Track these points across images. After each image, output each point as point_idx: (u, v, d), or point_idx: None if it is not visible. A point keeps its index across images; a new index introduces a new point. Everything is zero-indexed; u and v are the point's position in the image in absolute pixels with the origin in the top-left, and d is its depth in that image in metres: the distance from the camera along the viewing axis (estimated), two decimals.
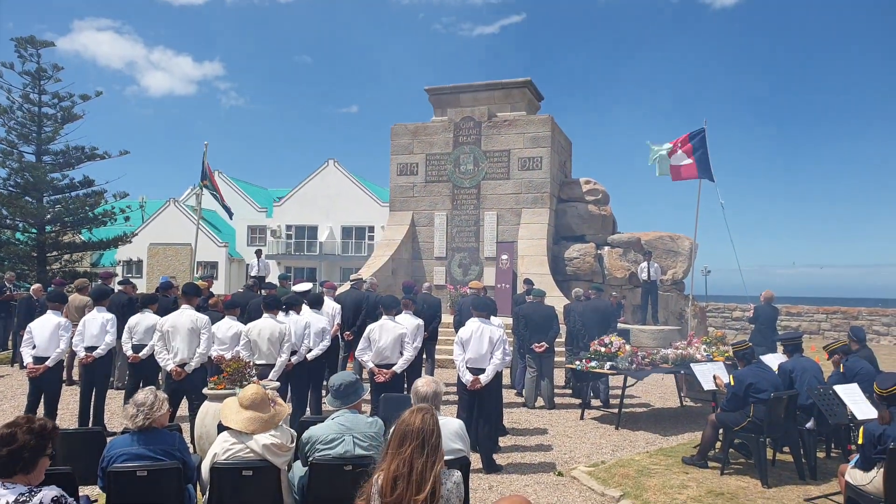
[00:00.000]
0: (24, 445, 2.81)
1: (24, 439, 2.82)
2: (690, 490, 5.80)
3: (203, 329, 6.97)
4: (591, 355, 8.73)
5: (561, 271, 16.98)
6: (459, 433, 4.16)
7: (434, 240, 18.08)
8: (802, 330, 23.77)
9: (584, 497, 5.75)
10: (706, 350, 9.48)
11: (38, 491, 2.75)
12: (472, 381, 6.53)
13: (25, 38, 22.73)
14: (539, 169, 17.29)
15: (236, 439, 3.99)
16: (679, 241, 17.87)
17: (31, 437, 2.84)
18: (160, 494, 3.84)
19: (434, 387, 4.08)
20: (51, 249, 23.06)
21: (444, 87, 18.87)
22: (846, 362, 6.89)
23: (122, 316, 8.44)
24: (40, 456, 2.87)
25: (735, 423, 6.32)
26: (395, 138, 18.69)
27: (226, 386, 5.68)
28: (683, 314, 16.61)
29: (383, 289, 12.86)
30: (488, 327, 6.77)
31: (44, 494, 2.74)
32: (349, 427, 4.07)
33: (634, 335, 13.13)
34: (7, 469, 2.78)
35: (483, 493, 5.75)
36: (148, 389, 4.08)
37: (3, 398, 9.58)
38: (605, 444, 7.58)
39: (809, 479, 6.23)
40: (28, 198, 22.49)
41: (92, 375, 7.61)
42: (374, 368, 6.98)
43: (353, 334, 9.62)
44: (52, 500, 2.74)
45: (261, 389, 4.21)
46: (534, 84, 18.63)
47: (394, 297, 7.62)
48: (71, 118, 23.45)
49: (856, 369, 6.70)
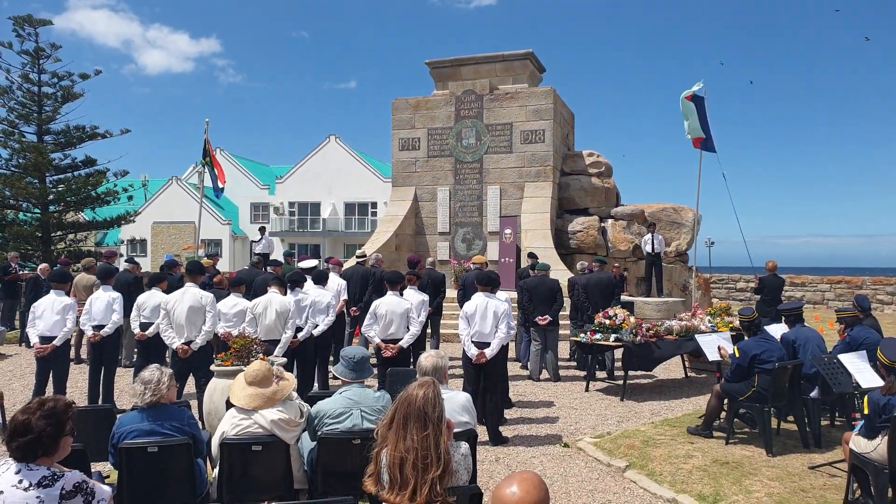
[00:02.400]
0: (42, 432, 2.78)
1: (40, 426, 2.78)
2: (696, 460, 5.85)
3: (208, 307, 6.99)
4: (596, 328, 8.76)
5: (564, 245, 16.95)
6: (466, 406, 4.19)
7: (437, 215, 18.05)
8: (807, 300, 23.79)
9: (591, 468, 5.81)
10: (711, 321, 9.50)
11: (60, 475, 2.75)
12: (478, 354, 6.56)
13: (23, 17, 22.48)
14: (542, 142, 17.18)
15: (244, 415, 4.03)
16: (683, 212, 17.81)
17: (46, 422, 2.81)
18: (171, 470, 3.89)
19: (435, 360, 4.08)
20: (55, 229, 23.05)
21: (445, 60, 18.67)
22: (851, 332, 6.89)
23: (129, 294, 8.49)
24: (60, 437, 2.85)
25: (740, 393, 6.35)
26: (397, 113, 18.56)
27: (233, 363, 5.72)
28: (687, 286, 16.62)
29: (387, 264, 12.87)
30: (493, 301, 6.78)
31: (66, 480, 2.74)
32: (357, 401, 4.10)
33: (639, 307, 13.16)
34: (29, 454, 2.77)
35: (490, 465, 5.81)
36: (154, 366, 4.11)
37: (13, 377, 9.67)
38: (611, 416, 7.63)
39: (814, 447, 6.27)
40: (30, 178, 22.42)
41: (100, 353, 7.67)
42: (381, 344, 7.02)
43: (360, 310, 9.67)
44: (74, 485, 2.74)
45: (265, 365, 4.23)
46: (535, 56, 18.42)
47: (398, 272, 7.63)
48: (71, 97, 23.28)
49: (860, 339, 6.70)
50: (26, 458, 2.76)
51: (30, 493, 2.67)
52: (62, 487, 2.71)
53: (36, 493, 2.67)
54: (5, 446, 2.82)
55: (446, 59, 18.64)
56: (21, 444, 2.75)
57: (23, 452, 2.76)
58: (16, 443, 2.76)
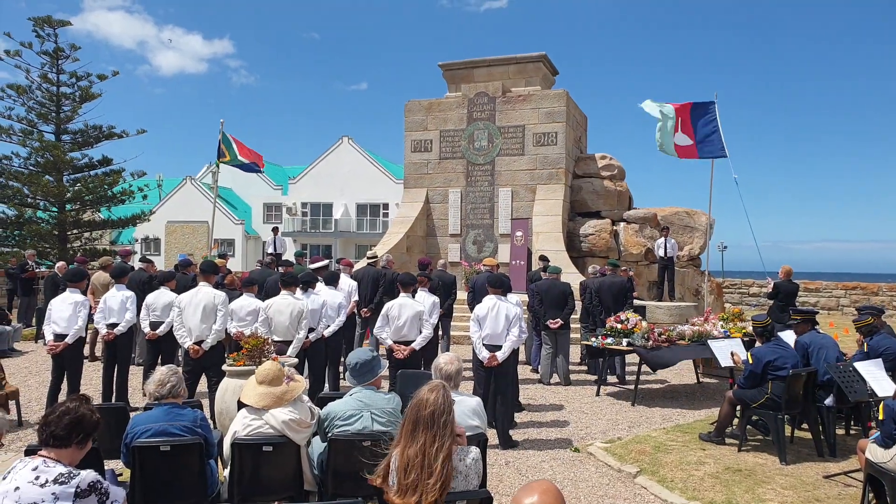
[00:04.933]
0: (85, 416, 2.92)
1: (85, 414, 2.93)
2: (708, 467, 5.81)
3: (220, 306, 7.02)
4: (608, 332, 8.72)
5: (576, 248, 16.90)
6: (477, 410, 4.19)
7: (448, 217, 18.05)
8: (821, 306, 23.57)
9: (601, 473, 5.78)
10: (723, 326, 9.44)
11: (76, 473, 2.78)
12: (489, 358, 6.55)
13: (43, 18, 22.76)
14: (554, 144, 17.14)
15: (256, 415, 4.05)
16: (696, 216, 17.71)
17: (91, 412, 2.96)
18: (183, 469, 3.91)
19: (457, 365, 4.12)
20: (71, 227, 23.30)
21: (458, 62, 18.68)
22: (870, 340, 6.81)
23: (143, 293, 8.54)
24: (94, 432, 2.98)
25: (753, 399, 6.29)
26: (409, 115, 18.58)
27: (245, 363, 5.75)
28: (700, 290, 16.51)
29: (398, 266, 12.88)
30: (504, 304, 6.76)
31: (82, 477, 2.77)
32: (367, 403, 4.10)
33: (651, 311, 13.09)
34: (64, 439, 2.86)
35: (500, 469, 5.80)
36: (166, 367, 4.15)
37: (29, 374, 9.77)
38: (622, 421, 7.60)
39: (828, 455, 6.21)
40: (48, 177, 22.68)
41: (114, 352, 7.73)
42: (393, 345, 7.02)
43: (371, 311, 9.68)
44: (89, 484, 2.76)
45: (276, 366, 4.25)
46: (548, 58, 18.39)
47: (411, 274, 7.63)
48: (89, 97, 23.53)
49: (881, 347, 6.61)
50: (61, 438, 2.85)
51: (45, 489, 2.69)
52: (77, 485, 2.73)
53: (52, 490, 2.69)
54: (43, 427, 2.91)
55: (459, 62, 18.65)
56: (66, 422, 2.86)
57: (66, 429, 2.86)
58: (61, 420, 2.86)
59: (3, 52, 22.32)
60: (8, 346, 11.51)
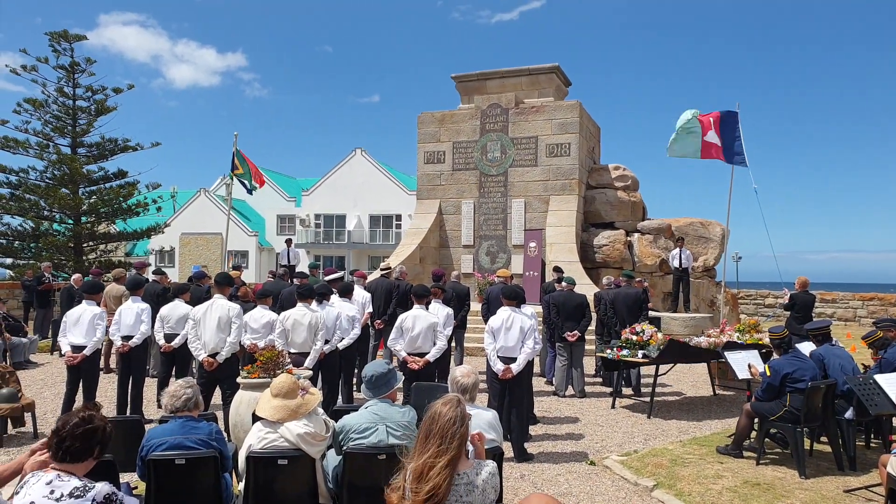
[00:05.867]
0: (100, 428, 2.89)
1: (100, 425, 2.90)
2: (725, 480, 5.73)
3: (234, 318, 7.04)
4: (623, 343, 8.66)
5: (590, 259, 16.85)
6: (493, 423, 4.16)
7: (461, 228, 18.05)
8: (838, 317, 23.33)
9: (617, 486, 5.72)
10: (739, 338, 9.34)
11: (92, 486, 2.76)
12: (504, 370, 6.51)
13: (59, 33, 23.07)
14: (567, 155, 17.13)
15: (270, 428, 4.04)
16: (710, 227, 17.60)
17: (104, 423, 2.93)
18: (198, 482, 3.90)
19: (473, 378, 4.12)
20: (87, 240, 23.50)
21: (471, 74, 18.75)
22: (885, 354, 6.71)
23: (157, 305, 8.58)
24: (107, 444, 2.95)
25: (771, 412, 6.21)
26: (422, 126, 18.65)
27: (259, 375, 5.75)
28: (715, 301, 16.39)
29: (411, 277, 12.89)
30: (519, 316, 6.73)
31: (97, 490, 2.75)
32: (382, 416, 4.08)
33: (666, 323, 13.00)
34: (78, 454, 2.83)
35: (515, 482, 5.75)
36: (182, 380, 4.16)
37: (45, 386, 9.83)
38: (638, 433, 7.52)
39: (849, 469, 6.10)
40: (64, 189, 22.91)
41: (129, 364, 7.76)
42: (407, 357, 7.00)
43: (384, 323, 9.67)
44: (104, 497, 2.75)
45: (290, 378, 4.24)
46: (561, 70, 18.42)
47: (425, 286, 7.62)
48: (104, 111, 23.78)
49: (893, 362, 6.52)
50: (75, 453, 2.82)
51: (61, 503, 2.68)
52: (93, 499, 2.72)
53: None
54: (57, 443, 2.85)
55: (472, 73, 18.72)
56: (80, 433, 2.82)
57: (81, 441, 2.82)
58: (76, 432, 2.82)
59: (19, 68, 22.65)
60: (24, 358, 11.60)
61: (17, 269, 22.25)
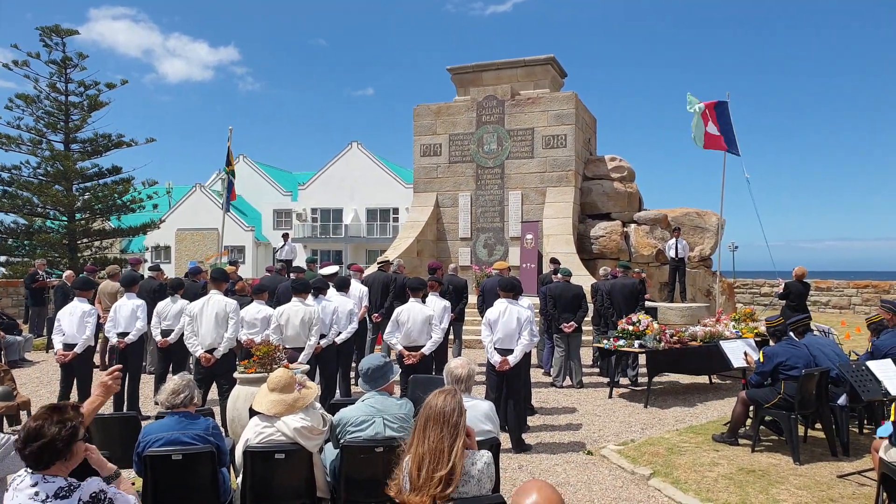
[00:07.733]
0: (55, 438, 2.71)
1: (52, 432, 2.72)
2: (721, 468, 5.77)
3: (231, 314, 7.03)
4: (620, 334, 8.69)
5: (587, 250, 16.86)
6: (489, 414, 4.18)
7: (458, 220, 18.05)
8: (833, 305, 23.42)
9: (615, 475, 5.75)
10: (735, 327, 9.38)
11: (77, 486, 2.71)
12: (501, 361, 6.53)
13: (50, 27, 22.94)
14: (563, 147, 17.11)
15: (267, 423, 4.05)
16: (706, 216, 17.62)
17: (59, 427, 2.74)
18: (195, 478, 3.91)
19: (469, 369, 4.13)
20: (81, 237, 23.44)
21: (467, 66, 18.69)
22: (877, 340, 6.75)
23: (153, 301, 8.57)
24: (73, 442, 2.78)
25: (766, 399, 6.25)
26: (418, 119, 18.61)
27: (256, 370, 5.76)
28: (711, 291, 16.43)
29: (409, 270, 12.88)
30: (516, 308, 6.74)
31: (83, 490, 2.70)
32: (379, 409, 4.10)
33: (662, 313, 13.02)
34: (42, 461, 2.70)
35: (513, 473, 5.78)
36: (178, 376, 4.16)
37: (40, 384, 9.82)
38: (635, 423, 7.56)
39: (842, 455, 6.15)
40: (58, 186, 22.82)
41: (125, 361, 7.74)
42: (403, 351, 7.01)
43: (381, 316, 9.68)
44: (91, 495, 2.70)
45: (287, 373, 4.25)
46: (557, 61, 18.38)
47: (421, 279, 7.63)
48: (97, 106, 23.67)
49: (886, 347, 6.56)
50: (40, 464, 2.70)
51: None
52: (79, 498, 2.67)
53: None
54: (19, 454, 2.75)
55: (468, 65, 18.66)
56: (35, 449, 2.69)
57: (36, 458, 2.70)
58: (29, 448, 2.69)
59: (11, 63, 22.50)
60: (19, 357, 11.59)
61: (10, 267, 22.20)
